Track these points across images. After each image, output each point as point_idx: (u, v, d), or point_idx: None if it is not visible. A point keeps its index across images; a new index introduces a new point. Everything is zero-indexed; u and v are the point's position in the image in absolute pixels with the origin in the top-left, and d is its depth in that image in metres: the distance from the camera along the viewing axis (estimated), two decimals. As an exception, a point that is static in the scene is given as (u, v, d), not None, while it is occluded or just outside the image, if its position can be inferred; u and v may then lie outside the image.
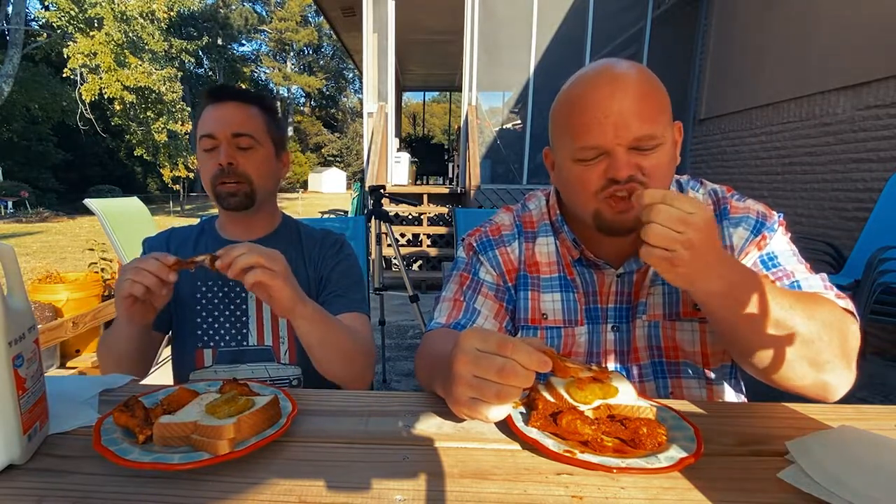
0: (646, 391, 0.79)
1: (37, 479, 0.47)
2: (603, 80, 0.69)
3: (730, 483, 0.46)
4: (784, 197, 3.99)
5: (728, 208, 0.80)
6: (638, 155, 0.68)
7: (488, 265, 0.86)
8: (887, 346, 3.03)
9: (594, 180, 0.70)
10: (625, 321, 0.81)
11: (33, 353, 0.53)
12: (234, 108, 0.97)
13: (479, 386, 0.50)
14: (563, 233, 0.83)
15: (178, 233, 1.07)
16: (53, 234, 10.21)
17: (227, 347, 0.99)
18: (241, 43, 42.04)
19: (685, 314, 0.78)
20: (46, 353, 2.58)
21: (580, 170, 0.72)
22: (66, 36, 14.37)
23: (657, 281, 0.79)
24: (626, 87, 0.68)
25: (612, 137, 0.67)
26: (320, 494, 0.45)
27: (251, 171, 0.96)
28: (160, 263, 0.75)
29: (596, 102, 0.68)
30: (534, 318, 0.83)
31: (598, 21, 5.77)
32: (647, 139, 0.67)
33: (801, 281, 0.71)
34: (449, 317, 0.83)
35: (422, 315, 2.69)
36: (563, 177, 0.77)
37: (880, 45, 3.08)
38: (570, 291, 0.83)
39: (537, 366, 0.49)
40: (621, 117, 0.67)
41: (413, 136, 18.52)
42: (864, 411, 0.62)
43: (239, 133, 0.95)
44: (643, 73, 0.70)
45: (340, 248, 1.08)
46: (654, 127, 0.68)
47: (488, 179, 6.03)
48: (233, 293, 1.00)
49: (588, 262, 0.82)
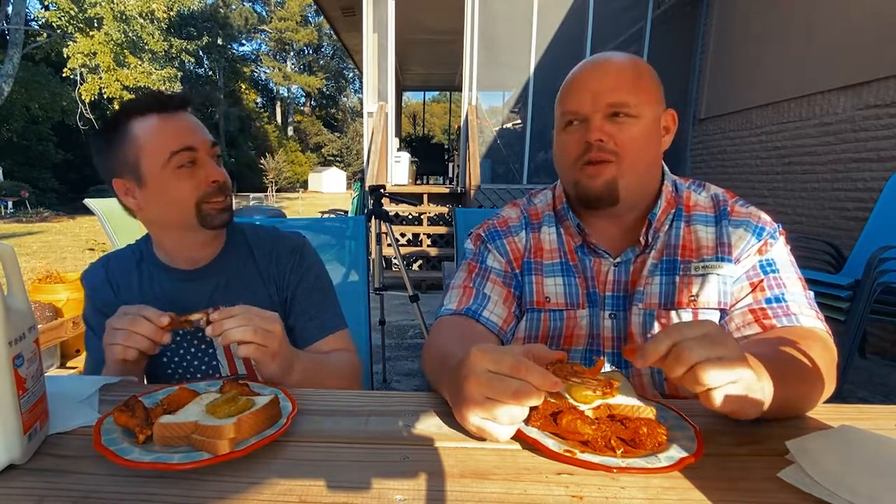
0: (641, 377, 0.81)
1: (37, 479, 0.47)
2: (593, 61, 0.79)
3: (730, 483, 0.46)
4: (784, 197, 3.99)
5: (728, 210, 0.82)
6: (612, 124, 0.75)
7: (496, 253, 0.90)
8: (887, 346, 3.03)
9: (573, 148, 0.78)
10: (622, 309, 0.83)
11: (33, 353, 0.53)
12: (189, 116, 0.86)
13: (492, 407, 0.50)
14: (568, 220, 0.87)
15: (115, 264, 0.94)
16: (53, 234, 10.21)
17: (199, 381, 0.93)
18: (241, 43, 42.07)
19: (680, 304, 0.80)
20: (46, 353, 2.59)
21: (563, 138, 0.80)
22: (65, 36, 14.38)
23: (655, 271, 0.81)
24: (611, 66, 0.76)
25: (590, 104, 0.75)
26: (320, 494, 0.45)
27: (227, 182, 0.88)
28: (153, 327, 0.70)
29: (581, 77, 0.78)
30: (538, 301, 0.86)
31: (598, 21, 5.77)
32: (621, 105, 0.74)
33: (788, 295, 0.74)
34: (459, 303, 0.85)
35: (422, 315, 2.69)
36: (554, 150, 0.84)
37: (880, 45, 3.08)
38: (572, 276, 0.86)
39: (550, 387, 0.49)
40: (601, 86, 0.75)
41: (413, 135, 18.52)
42: (864, 411, 0.62)
43: (215, 142, 0.87)
44: (635, 58, 0.78)
45: (300, 257, 0.96)
46: (628, 96, 0.74)
47: (488, 179, 6.03)
48: None
49: (589, 249, 0.85)
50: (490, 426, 0.51)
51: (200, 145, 0.83)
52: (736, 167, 4.66)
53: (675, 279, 0.80)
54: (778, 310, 0.73)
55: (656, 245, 0.82)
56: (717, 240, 0.81)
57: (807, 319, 0.71)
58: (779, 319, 0.72)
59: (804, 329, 0.70)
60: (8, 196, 15.01)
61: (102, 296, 0.91)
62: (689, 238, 0.82)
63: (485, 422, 0.51)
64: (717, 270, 0.79)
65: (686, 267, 0.80)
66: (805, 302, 0.74)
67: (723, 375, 0.48)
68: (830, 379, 0.64)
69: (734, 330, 0.76)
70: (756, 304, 0.75)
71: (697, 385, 0.49)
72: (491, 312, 0.84)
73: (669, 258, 0.81)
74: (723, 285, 0.78)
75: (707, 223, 0.82)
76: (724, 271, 0.78)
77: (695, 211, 0.84)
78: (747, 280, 0.77)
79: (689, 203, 0.85)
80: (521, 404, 0.49)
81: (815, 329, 0.71)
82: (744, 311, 0.76)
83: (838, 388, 0.66)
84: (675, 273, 0.80)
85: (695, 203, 0.84)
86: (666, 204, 0.83)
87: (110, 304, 0.85)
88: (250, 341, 0.70)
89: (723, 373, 0.48)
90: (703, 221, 0.83)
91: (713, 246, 0.80)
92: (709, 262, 0.79)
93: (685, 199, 0.85)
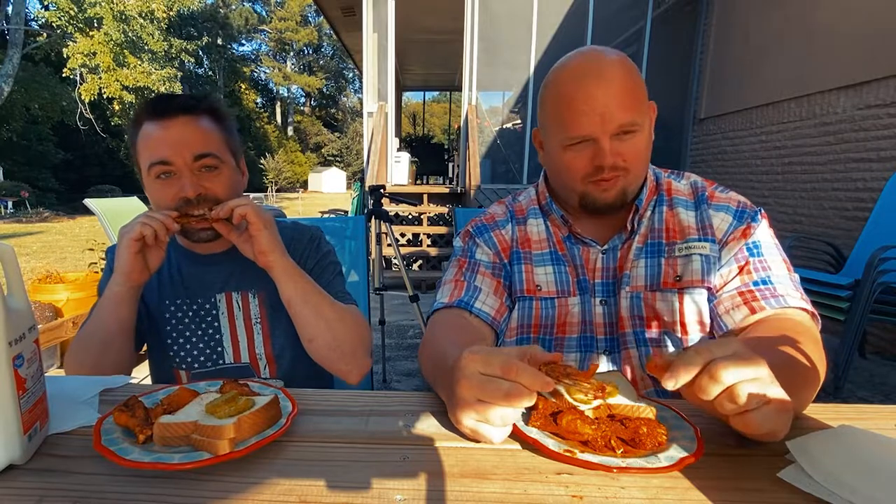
0: (630, 358, 0.83)
1: (37, 479, 0.47)
2: (590, 74, 0.76)
3: (730, 483, 0.46)
4: (784, 196, 3.99)
5: (707, 195, 0.86)
6: (620, 142, 0.76)
7: (484, 246, 0.92)
8: (887, 345, 3.03)
9: (582, 167, 0.79)
10: (612, 295, 0.85)
11: (33, 353, 0.53)
12: (184, 124, 0.83)
13: (484, 409, 0.50)
14: (553, 213, 0.89)
15: None
16: (53, 234, 10.21)
17: (202, 369, 0.94)
18: (241, 43, 42.08)
19: (665, 285, 0.82)
20: (46, 353, 2.59)
21: (570, 157, 0.79)
22: (65, 36, 14.38)
23: (640, 255, 0.84)
24: (611, 80, 0.74)
25: (599, 127, 0.75)
26: (320, 494, 0.45)
27: (221, 196, 0.85)
28: (166, 214, 0.81)
29: (584, 95, 0.75)
30: (529, 289, 0.88)
31: (598, 21, 5.77)
32: (630, 125, 0.75)
33: (774, 277, 0.76)
34: (451, 296, 0.86)
35: (422, 315, 2.69)
36: (554, 161, 0.84)
37: (880, 45, 3.08)
38: (562, 264, 0.87)
39: (541, 387, 0.49)
40: (607, 108, 0.74)
41: (413, 135, 18.52)
42: (864, 411, 0.62)
43: (202, 154, 0.83)
44: (625, 63, 0.77)
45: (318, 243, 1.02)
46: (635, 115, 0.75)
47: (488, 179, 6.03)
48: (203, 311, 0.94)
49: (577, 239, 0.88)
50: (483, 428, 0.51)
51: (177, 158, 0.82)
52: (736, 167, 4.66)
53: (661, 261, 0.83)
54: (766, 291, 0.75)
55: (640, 230, 0.85)
56: (698, 223, 0.83)
57: (793, 300, 0.74)
58: (767, 301, 0.74)
59: (792, 320, 0.72)
60: (8, 196, 15.01)
61: None
62: (672, 221, 0.85)
63: (478, 424, 0.51)
64: (700, 250, 0.81)
65: (671, 249, 0.83)
66: (790, 283, 0.76)
67: (760, 396, 0.46)
68: (822, 371, 0.65)
69: (723, 312, 0.78)
70: (744, 286, 0.77)
71: (732, 405, 0.46)
72: (483, 303, 0.85)
73: (654, 241, 0.84)
74: (707, 265, 0.80)
75: (687, 207, 0.85)
76: (707, 251, 0.81)
77: (676, 195, 0.87)
78: (735, 263, 0.79)
79: (669, 189, 0.88)
80: (512, 406, 0.49)
81: (802, 320, 0.73)
82: (732, 293, 0.78)
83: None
84: (661, 255, 0.83)
85: (676, 189, 0.88)
86: (649, 192, 0.85)
87: None
88: (247, 205, 0.81)
89: (760, 393, 0.46)
90: (684, 205, 0.85)
91: (696, 227, 0.83)
92: (692, 243, 0.82)
93: (665, 186, 0.88)
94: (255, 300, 0.96)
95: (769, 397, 0.46)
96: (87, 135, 17.13)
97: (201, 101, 0.87)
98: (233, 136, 0.92)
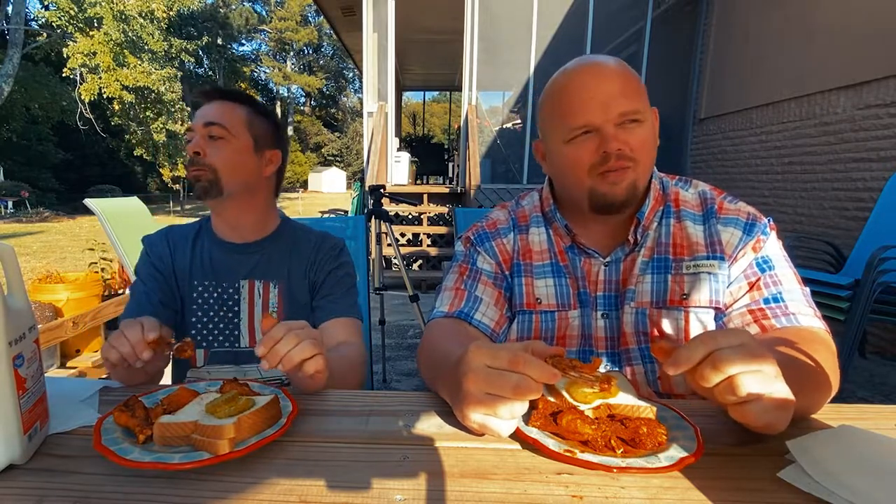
0: (634, 374, 0.82)
1: (37, 479, 0.47)
2: (586, 67, 0.76)
3: (730, 483, 0.46)
4: (784, 196, 3.99)
5: (716, 208, 0.83)
6: (623, 131, 0.74)
7: (486, 255, 0.90)
8: (887, 345, 3.03)
9: (586, 157, 0.76)
10: (614, 308, 0.83)
11: (33, 353, 0.53)
12: (216, 103, 0.99)
13: (492, 403, 0.50)
14: (556, 221, 0.87)
15: (177, 230, 1.07)
16: (53, 234, 10.21)
17: (220, 348, 1.00)
18: (241, 43, 42.04)
19: (671, 303, 0.80)
20: (46, 353, 2.59)
21: (572, 150, 0.77)
22: (65, 36, 14.37)
23: (646, 270, 0.81)
24: (607, 71, 0.75)
25: (600, 114, 0.73)
26: (320, 494, 0.45)
27: (217, 162, 0.95)
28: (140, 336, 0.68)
29: (582, 85, 0.75)
30: (529, 303, 0.86)
31: (598, 21, 5.77)
32: (632, 113, 0.73)
33: (785, 294, 0.74)
34: (451, 305, 0.85)
35: (422, 315, 2.69)
36: (557, 161, 0.81)
37: (880, 45, 3.08)
38: (563, 276, 0.86)
39: (549, 378, 0.49)
40: (607, 96, 0.73)
41: (413, 135, 18.51)
42: (864, 411, 0.62)
43: (210, 122, 0.95)
44: (624, 65, 0.77)
45: (339, 253, 1.07)
46: (637, 103, 0.74)
47: (488, 179, 6.03)
48: (226, 294, 1.00)
49: (579, 250, 0.85)
50: (492, 422, 0.51)
51: (197, 127, 0.97)
52: (736, 167, 4.66)
53: (667, 277, 0.80)
54: (777, 310, 0.73)
55: (646, 243, 0.82)
56: (707, 238, 0.81)
57: (805, 319, 0.71)
58: (777, 320, 0.72)
59: (807, 330, 0.70)
60: (8, 196, 15.01)
61: (158, 250, 1.02)
62: (680, 235, 0.82)
63: (487, 418, 0.51)
64: (708, 269, 0.79)
65: (678, 265, 0.80)
66: (802, 299, 0.74)
67: (760, 388, 0.46)
68: (836, 382, 0.64)
69: None
70: (754, 304, 0.75)
71: (732, 396, 0.47)
72: (483, 315, 0.84)
73: (661, 256, 0.81)
74: (715, 283, 0.78)
75: (695, 221, 0.82)
76: (716, 270, 0.78)
77: (683, 207, 0.84)
78: (745, 279, 0.77)
79: (677, 200, 0.85)
80: (521, 398, 0.49)
81: (817, 330, 0.71)
82: (742, 311, 0.76)
83: (839, 389, 0.67)
84: (667, 271, 0.80)
85: (683, 200, 0.85)
86: (654, 202, 0.83)
87: (163, 257, 1.01)
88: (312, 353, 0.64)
89: (761, 385, 0.46)
90: (692, 219, 0.83)
91: (704, 244, 0.80)
92: (701, 261, 0.79)
93: (673, 196, 0.85)
94: (275, 290, 1.02)
95: (770, 390, 0.47)
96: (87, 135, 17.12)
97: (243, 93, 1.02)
98: (265, 125, 1.01)
